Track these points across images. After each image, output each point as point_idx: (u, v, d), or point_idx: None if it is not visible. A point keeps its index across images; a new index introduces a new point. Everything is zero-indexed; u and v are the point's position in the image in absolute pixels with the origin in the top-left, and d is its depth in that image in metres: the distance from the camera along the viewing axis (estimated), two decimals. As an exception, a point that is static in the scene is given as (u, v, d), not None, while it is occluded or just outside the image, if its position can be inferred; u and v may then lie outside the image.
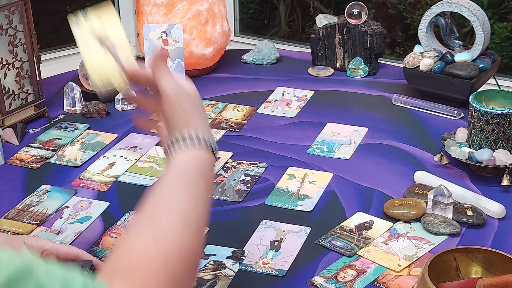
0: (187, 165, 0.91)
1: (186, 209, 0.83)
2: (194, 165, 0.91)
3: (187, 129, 0.93)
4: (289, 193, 1.38)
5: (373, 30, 1.88)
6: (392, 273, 1.15)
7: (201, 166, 0.92)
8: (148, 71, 1.02)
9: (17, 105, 1.65)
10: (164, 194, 0.87)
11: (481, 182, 1.40)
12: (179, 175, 0.89)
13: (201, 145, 0.93)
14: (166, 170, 0.91)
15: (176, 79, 1.00)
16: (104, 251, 1.22)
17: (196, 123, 0.96)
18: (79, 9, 1.12)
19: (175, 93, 0.98)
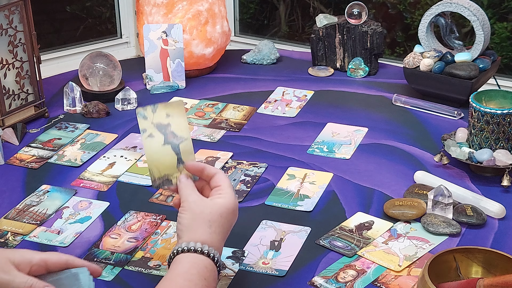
0: (190, 269, 1.00)
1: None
2: (198, 270, 1.00)
3: (194, 241, 1.03)
4: (289, 193, 1.38)
5: (373, 30, 1.88)
6: (392, 273, 1.15)
7: (204, 272, 1.00)
8: (207, 171, 1.11)
9: (17, 105, 1.65)
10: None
11: (481, 182, 1.40)
12: (183, 278, 0.99)
13: (204, 254, 1.02)
14: (168, 273, 1.01)
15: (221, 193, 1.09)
16: (104, 253, 1.22)
17: (209, 238, 1.04)
18: (79, 9, 1.13)
19: (191, 203, 1.07)
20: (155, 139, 1.12)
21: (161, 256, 1.20)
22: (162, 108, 1.12)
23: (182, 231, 1.05)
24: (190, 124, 1.67)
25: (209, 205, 1.06)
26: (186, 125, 1.12)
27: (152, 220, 1.30)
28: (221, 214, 1.06)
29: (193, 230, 1.04)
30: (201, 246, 1.02)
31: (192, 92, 1.84)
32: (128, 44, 3.50)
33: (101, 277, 1.16)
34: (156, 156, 1.12)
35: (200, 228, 1.04)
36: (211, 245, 1.03)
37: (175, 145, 1.12)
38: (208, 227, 1.04)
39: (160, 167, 1.12)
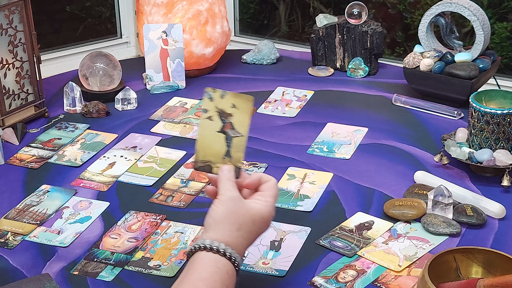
0: (213, 275, 0.98)
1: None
2: (220, 276, 0.98)
3: (219, 241, 1.00)
4: (289, 193, 1.38)
5: (373, 30, 1.88)
6: (392, 273, 1.15)
7: (226, 279, 0.98)
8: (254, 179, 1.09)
9: (17, 105, 1.65)
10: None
11: (481, 182, 1.40)
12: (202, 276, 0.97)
13: (226, 257, 1.00)
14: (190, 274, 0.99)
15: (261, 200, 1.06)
16: (104, 253, 1.22)
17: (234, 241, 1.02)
18: (79, 9, 1.13)
19: (229, 198, 1.04)
20: (213, 123, 1.09)
21: (161, 256, 1.20)
22: (231, 97, 1.09)
23: (210, 225, 1.02)
24: (190, 124, 1.67)
25: (245, 208, 1.04)
26: (247, 122, 1.09)
27: (152, 220, 1.30)
28: (254, 220, 1.04)
29: (221, 228, 1.01)
30: (224, 247, 0.99)
31: (192, 92, 1.84)
32: (128, 44, 3.50)
33: (101, 277, 1.16)
34: (207, 139, 1.09)
35: (228, 228, 1.02)
36: (235, 248, 1.01)
37: (229, 136, 1.09)
38: (237, 230, 1.02)
39: (207, 151, 1.09)
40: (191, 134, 1.62)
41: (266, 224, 1.06)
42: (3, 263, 1.19)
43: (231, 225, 1.02)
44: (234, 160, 1.09)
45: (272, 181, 1.09)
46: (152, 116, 1.72)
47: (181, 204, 1.35)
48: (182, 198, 1.37)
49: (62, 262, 1.19)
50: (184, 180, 1.43)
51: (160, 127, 1.66)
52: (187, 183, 1.42)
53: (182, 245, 1.23)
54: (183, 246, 1.23)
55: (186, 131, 1.64)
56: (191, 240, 1.24)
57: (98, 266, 1.18)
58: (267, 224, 1.07)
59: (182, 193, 1.39)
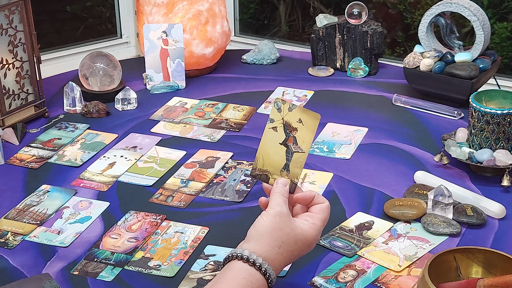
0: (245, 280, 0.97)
1: None
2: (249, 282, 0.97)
3: (257, 254, 1.00)
4: (289, 193, 1.38)
5: (373, 30, 1.88)
6: (392, 273, 1.15)
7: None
8: (306, 195, 1.08)
9: (17, 105, 1.65)
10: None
11: (481, 182, 1.40)
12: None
13: (261, 272, 0.99)
14: (223, 274, 0.98)
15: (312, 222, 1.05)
16: (104, 253, 1.22)
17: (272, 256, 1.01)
18: (79, 9, 1.13)
19: (278, 213, 1.03)
20: (277, 134, 1.08)
21: (161, 256, 1.20)
22: (298, 112, 1.08)
23: (253, 236, 1.02)
24: (190, 124, 1.67)
25: (291, 226, 1.02)
26: (310, 140, 1.08)
27: (152, 220, 1.30)
28: (297, 241, 1.02)
29: (262, 242, 1.00)
30: (261, 262, 0.98)
31: (192, 92, 1.84)
32: (128, 44, 3.50)
33: (101, 277, 1.16)
34: (268, 149, 1.09)
35: (270, 243, 1.00)
36: (272, 264, 1.00)
37: (291, 151, 1.08)
38: (278, 247, 1.01)
39: (267, 161, 1.09)
40: (191, 134, 1.62)
41: (309, 246, 1.05)
42: (3, 263, 1.19)
43: (273, 240, 1.01)
44: (291, 174, 1.08)
45: (325, 205, 1.07)
46: (152, 116, 1.72)
47: (181, 204, 1.35)
48: (182, 198, 1.37)
49: (62, 262, 1.19)
50: (184, 180, 1.43)
51: (160, 127, 1.66)
52: (187, 183, 1.42)
53: (182, 245, 1.23)
54: (183, 246, 1.23)
55: (186, 131, 1.64)
56: (191, 240, 1.24)
57: (98, 266, 1.18)
58: (309, 247, 1.05)
59: (182, 193, 1.39)
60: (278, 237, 1.01)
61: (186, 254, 1.20)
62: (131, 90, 1.76)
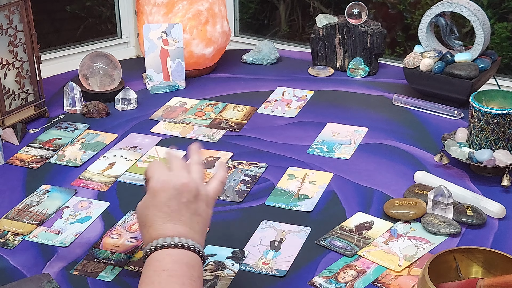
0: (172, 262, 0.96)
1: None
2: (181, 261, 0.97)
3: (167, 236, 1.00)
4: (289, 193, 1.38)
5: (373, 30, 1.88)
6: (392, 273, 1.15)
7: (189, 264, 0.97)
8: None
9: (17, 105, 1.65)
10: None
11: (481, 182, 1.40)
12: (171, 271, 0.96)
13: (185, 248, 0.99)
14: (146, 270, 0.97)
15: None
16: (104, 253, 1.22)
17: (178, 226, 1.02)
18: (79, 9, 1.13)
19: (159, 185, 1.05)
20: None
21: (161, 256, 1.20)
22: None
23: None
24: (190, 124, 1.67)
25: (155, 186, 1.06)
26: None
27: (152, 220, 1.30)
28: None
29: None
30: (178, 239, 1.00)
31: (192, 92, 1.84)
32: (128, 44, 3.50)
33: (101, 277, 1.16)
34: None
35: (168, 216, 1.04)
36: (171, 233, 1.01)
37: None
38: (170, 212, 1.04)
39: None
40: (191, 134, 1.62)
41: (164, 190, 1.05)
42: (3, 263, 1.19)
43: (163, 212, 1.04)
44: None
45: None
46: (152, 116, 1.72)
47: (181, 204, 1.35)
48: (182, 198, 1.37)
49: (62, 262, 1.19)
50: (184, 180, 1.43)
51: (160, 127, 1.66)
52: (187, 183, 1.42)
53: (182, 245, 1.23)
54: (183, 246, 1.22)
55: (186, 131, 1.64)
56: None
57: (98, 266, 1.18)
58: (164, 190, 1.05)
59: (182, 193, 1.39)
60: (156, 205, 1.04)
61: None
62: (131, 90, 1.76)
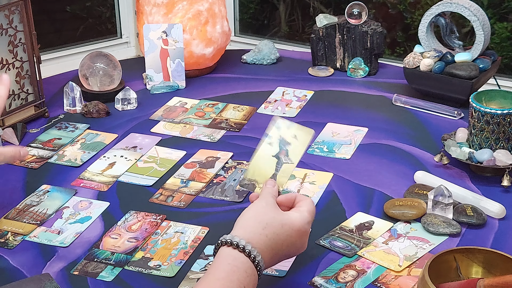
0: (229, 275, 0.96)
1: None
2: (238, 277, 0.96)
3: (240, 237, 1.00)
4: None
5: (373, 30, 1.88)
6: (392, 273, 1.15)
7: (244, 278, 0.97)
8: (288, 196, 1.10)
9: (17, 105, 1.65)
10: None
11: (481, 182, 1.40)
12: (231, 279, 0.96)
13: (245, 253, 0.99)
14: (209, 273, 0.97)
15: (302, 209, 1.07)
16: (104, 253, 1.22)
17: (256, 238, 1.01)
18: (79, 9, 1.13)
19: (263, 202, 1.05)
20: (272, 148, 1.14)
21: (161, 256, 1.20)
22: (294, 129, 1.14)
23: (237, 223, 1.03)
24: (190, 124, 1.67)
25: (278, 212, 1.04)
26: (301, 153, 1.13)
27: (152, 220, 1.30)
28: (283, 224, 1.03)
29: (246, 224, 1.01)
30: (244, 244, 0.98)
31: (192, 92, 1.84)
32: (128, 44, 3.50)
33: (101, 277, 1.16)
34: (260, 161, 1.13)
35: (253, 225, 1.01)
36: (256, 246, 0.99)
37: (280, 162, 1.13)
38: (262, 228, 1.01)
39: (256, 172, 1.13)
40: (191, 134, 1.62)
41: (298, 233, 1.04)
42: (3, 263, 1.19)
43: (257, 223, 1.01)
44: (277, 183, 1.12)
45: (309, 199, 1.09)
46: (152, 116, 1.72)
47: (181, 204, 1.35)
48: (182, 198, 1.37)
49: (62, 262, 1.19)
50: (184, 180, 1.43)
51: (160, 127, 1.66)
52: (187, 183, 1.42)
53: (182, 245, 1.23)
54: (183, 246, 1.23)
55: (186, 131, 1.64)
56: (191, 240, 1.24)
57: (98, 266, 1.18)
58: (299, 234, 1.04)
59: (182, 193, 1.39)
60: (262, 220, 1.02)
61: (186, 254, 1.21)
62: (131, 90, 1.76)
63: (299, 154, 1.13)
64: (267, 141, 1.14)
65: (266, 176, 1.12)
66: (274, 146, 1.13)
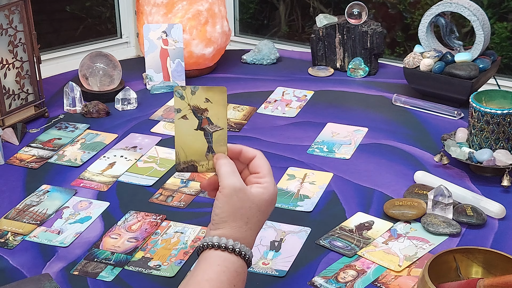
0: (220, 276, 0.95)
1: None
2: (228, 277, 0.95)
3: (226, 237, 0.98)
4: (289, 194, 1.38)
5: (373, 30, 1.88)
6: (392, 273, 1.15)
7: (234, 278, 0.96)
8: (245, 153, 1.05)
9: (17, 105, 1.65)
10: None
11: (481, 182, 1.40)
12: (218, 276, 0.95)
13: (235, 253, 0.97)
14: (196, 274, 0.96)
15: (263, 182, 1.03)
16: (104, 253, 1.22)
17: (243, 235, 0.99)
18: (78, 9, 1.13)
19: (232, 192, 1.00)
20: (188, 122, 1.05)
21: (161, 256, 1.20)
22: (202, 92, 1.05)
23: (216, 222, 0.99)
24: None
25: (250, 199, 0.99)
26: (225, 114, 1.05)
27: (152, 220, 1.30)
28: (260, 208, 1.00)
29: (228, 224, 0.98)
30: (233, 243, 0.97)
31: (192, 92, 1.84)
32: (128, 44, 3.50)
33: (101, 277, 1.16)
34: (186, 139, 1.05)
35: (236, 223, 0.99)
36: (244, 241, 0.98)
37: (208, 132, 1.05)
38: (245, 224, 0.99)
39: (188, 151, 1.06)
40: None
41: (272, 204, 1.02)
42: (3, 263, 1.19)
43: (238, 220, 0.99)
44: (218, 150, 1.06)
45: (260, 157, 1.05)
46: (152, 116, 1.72)
47: (181, 204, 1.35)
48: (182, 198, 1.37)
49: (62, 262, 1.19)
50: (184, 180, 1.43)
51: (160, 127, 1.66)
52: (187, 183, 1.42)
53: (182, 245, 1.23)
54: (183, 246, 1.23)
55: (186, 131, 1.64)
56: (191, 240, 1.24)
57: (98, 266, 1.18)
58: (272, 204, 1.03)
59: (182, 193, 1.39)
60: (241, 215, 0.99)
61: (186, 254, 1.21)
62: (131, 90, 1.76)
63: (224, 116, 1.05)
64: (179, 115, 1.05)
65: (201, 152, 1.05)
66: (191, 118, 1.05)
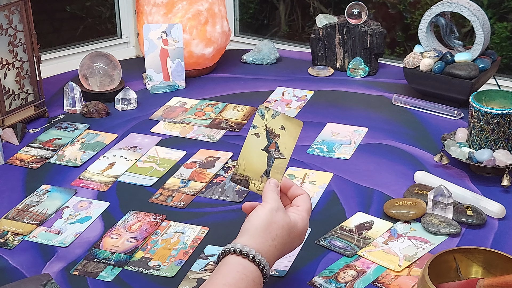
0: (238, 282, 0.97)
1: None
2: (245, 285, 0.97)
3: (250, 246, 1.01)
4: (289, 193, 1.38)
5: (373, 30, 1.88)
6: (392, 273, 1.15)
7: (251, 287, 0.98)
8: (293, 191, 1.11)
9: (17, 105, 1.65)
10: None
11: (481, 182, 1.40)
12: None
13: (255, 263, 1.00)
14: (216, 277, 0.98)
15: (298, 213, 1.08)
16: (104, 253, 1.22)
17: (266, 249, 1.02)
18: (79, 9, 1.13)
19: (272, 206, 1.05)
20: (259, 140, 1.11)
21: (161, 256, 1.20)
22: (281, 118, 1.10)
23: (247, 230, 1.03)
24: (190, 124, 1.67)
25: (286, 220, 1.04)
26: (292, 146, 1.10)
27: (152, 220, 1.30)
28: (290, 233, 1.05)
29: (256, 234, 1.02)
30: (255, 253, 0.99)
31: (192, 92, 1.84)
32: (128, 44, 3.50)
33: (101, 277, 1.16)
34: (250, 154, 1.11)
35: (264, 236, 1.02)
36: (265, 256, 1.01)
37: (272, 157, 1.11)
38: (272, 239, 1.02)
39: (248, 166, 1.11)
40: (191, 134, 1.62)
41: (300, 238, 1.07)
42: (3, 263, 1.19)
43: (267, 233, 1.02)
44: (273, 177, 1.11)
45: (305, 195, 1.10)
46: (152, 116, 1.72)
47: (181, 204, 1.35)
48: (182, 198, 1.37)
49: (62, 262, 1.19)
50: (184, 180, 1.43)
51: (160, 127, 1.66)
52: (187, 183, 1.42)
53: (182, 245, 1.23)
54: (183, 246, 1.23)
55: (186, 131, 1.64)
56: (191, 240, 1.24)
57: (98, 266, 1.18)
58: (300, 238, 1.08)
59: (182, 193, 1.39)
60: (272, 230, 1.03)
61: (186, 254, 1.21)
62: (131, 90, 1.76)
63: (290, 148, 1.10)
64: (253, 131, 1.11)
65: (258, 172, 1.11)
66: (262, 138, 1.11)
